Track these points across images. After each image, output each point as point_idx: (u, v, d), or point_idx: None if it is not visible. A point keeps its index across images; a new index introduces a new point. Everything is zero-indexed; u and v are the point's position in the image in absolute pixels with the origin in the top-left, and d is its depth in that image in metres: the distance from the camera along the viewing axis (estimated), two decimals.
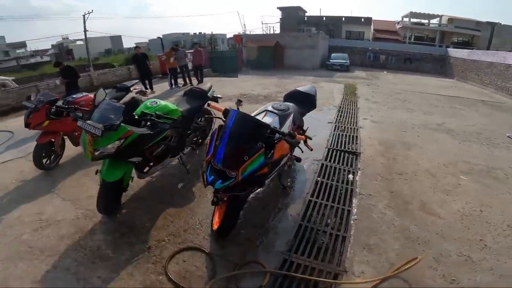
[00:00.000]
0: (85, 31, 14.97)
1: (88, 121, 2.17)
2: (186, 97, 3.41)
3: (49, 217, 2.54)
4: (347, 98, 7.58)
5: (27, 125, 3.26)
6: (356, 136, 4.51)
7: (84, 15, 16.15)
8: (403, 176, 3.22)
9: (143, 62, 8.03)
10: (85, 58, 17.65)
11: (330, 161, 3.59)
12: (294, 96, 3.12)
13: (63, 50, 37.39)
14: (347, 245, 2.15)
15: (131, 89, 4.34)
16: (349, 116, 5.72)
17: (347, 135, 4.53)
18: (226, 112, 1.93)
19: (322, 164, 3.48)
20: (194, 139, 3.66)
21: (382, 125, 5.19)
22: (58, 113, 3.37)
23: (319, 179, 3.12)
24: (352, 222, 2.41)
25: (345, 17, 27.46)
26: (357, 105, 6.74)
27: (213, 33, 18.62)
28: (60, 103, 3.45)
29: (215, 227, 2.14)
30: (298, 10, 28.67)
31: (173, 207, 2.63)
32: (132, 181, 2.65)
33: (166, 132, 2.63)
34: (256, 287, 1.77)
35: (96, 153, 2.18)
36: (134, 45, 8.34)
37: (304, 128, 3.42)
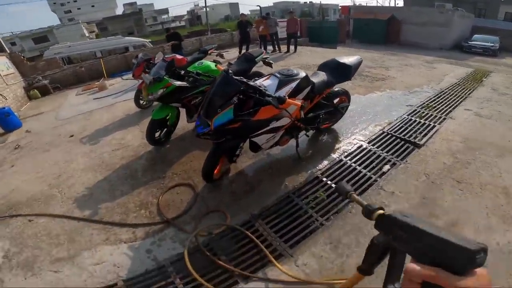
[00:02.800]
0: None
1: (146, 74, 2.95)
2: (238, 60, 3.75)
3: (125, 142, 3.62)
4: (463, 84, 5.76)
5: (133, 75, 4.53)
6: (434, 126, 3.56)
7: None
8: (460, 185, 2.43)
9: (245, 29, 8.87)
10: (209, 23, 20.49)
11: (374, 145, 3.09)
12: (328, 65, 2.88)
13: (194, 16, 44.72)
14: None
15: (209, 51, 5.02)
16: (445, 103, 4.43)
17: (422, 123, 3.61)
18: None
19: (360, 146, 3.07)
20: None
21: (488, 122, 3.81)
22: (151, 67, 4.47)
23: (344, 159, 2.84)
24: (335, 214, 2.16)
25: None
26: (469, 94, 5.11)
27: (322, 2, 17.38)
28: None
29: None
30: None
31: (200, 150, 3.15)
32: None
33: (204, 87, 3.10)
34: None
35: (150, 97, 2.94)
36: (241, 13, 9.36)
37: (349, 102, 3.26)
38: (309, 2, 27.84)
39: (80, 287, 1.76)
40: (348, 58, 2.94)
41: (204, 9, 18.37)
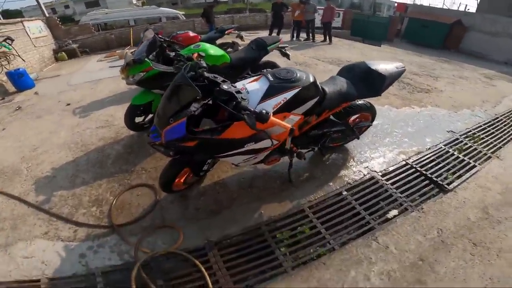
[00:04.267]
0: None
1: (128, 53, 2.58)
2: (247, 46, 3.26)
3: (112, 120, 3.36)
4: None
5: None
6: (474, 167, 2.77)
7: None
8: (474, 249, 1.81)
9: (279, 11, 8.32)
10: (250, 2, 19.81)
11: (389, 180, 2.45)
12: (353, 70, 2.16)
13: None
14: None
15: (226, 32, 4.56)
16: (496, 135, 3.52)
17: (460, 160, 2.83)
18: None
19: (371, 178, 2.46)
20: None
21: None
22: None
23: (345, 193, 2.27)
24: (308, 262, 1.70)
25: None
26: None
27: None
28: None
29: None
30: None
31: None
32: None
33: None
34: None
35: (131, 79, 2.57)
36: None
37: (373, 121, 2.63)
38: None
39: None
40: (385, 65, 2.16)
41: None
